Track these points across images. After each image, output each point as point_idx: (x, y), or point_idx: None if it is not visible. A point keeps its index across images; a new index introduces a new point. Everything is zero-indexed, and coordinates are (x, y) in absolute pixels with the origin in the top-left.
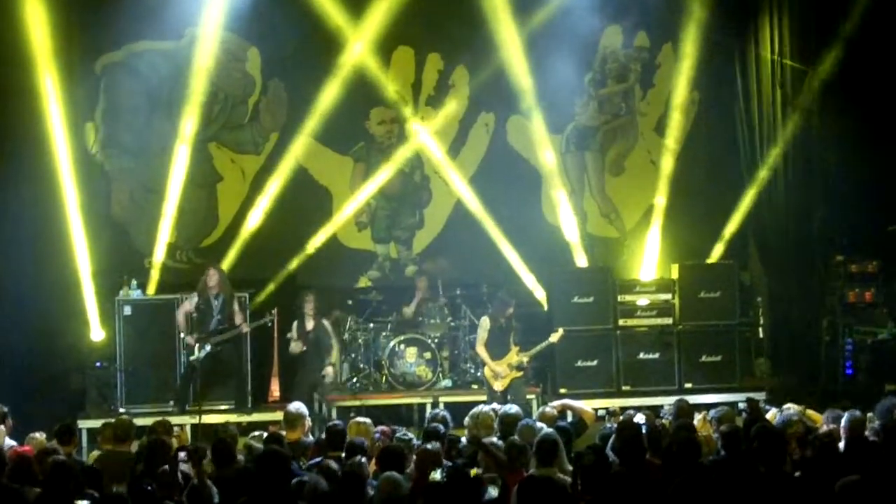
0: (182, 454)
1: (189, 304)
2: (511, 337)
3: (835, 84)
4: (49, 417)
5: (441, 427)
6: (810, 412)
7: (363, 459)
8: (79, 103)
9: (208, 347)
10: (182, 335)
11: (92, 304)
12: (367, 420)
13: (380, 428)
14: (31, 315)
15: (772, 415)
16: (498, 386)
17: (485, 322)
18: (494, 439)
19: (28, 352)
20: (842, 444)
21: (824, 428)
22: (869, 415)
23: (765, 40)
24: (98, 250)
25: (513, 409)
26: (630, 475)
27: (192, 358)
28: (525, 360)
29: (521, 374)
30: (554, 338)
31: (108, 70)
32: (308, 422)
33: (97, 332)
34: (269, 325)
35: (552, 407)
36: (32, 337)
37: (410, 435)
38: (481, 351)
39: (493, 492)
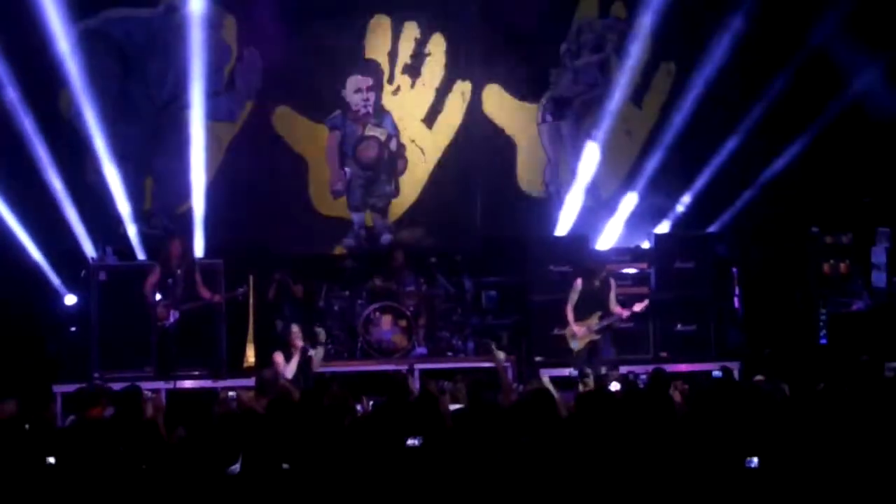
0: None
1: (153, 276)
2: (607, 299)
3: (812, 54)
4: (24, 383)
5: None
6: None
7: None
8: (54, 69)
9: (177, 314)
10: (152, 305)
11: (67, 269)
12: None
13: None
14: (4, 280)
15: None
16: (574, 345)
17: (576, 285)
18: None
19: (1, 317)
20: None
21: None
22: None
23: (743, 7)
24: (73, 216)
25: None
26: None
27: (160, 324)
28: (595, 324)
29: (598, 336)
30: (638, 307)
31: (83, 36)
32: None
33: (72, 298)
34: (240, 298)
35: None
36: (6, 302)
37: None
38: (568, 311)
39: None
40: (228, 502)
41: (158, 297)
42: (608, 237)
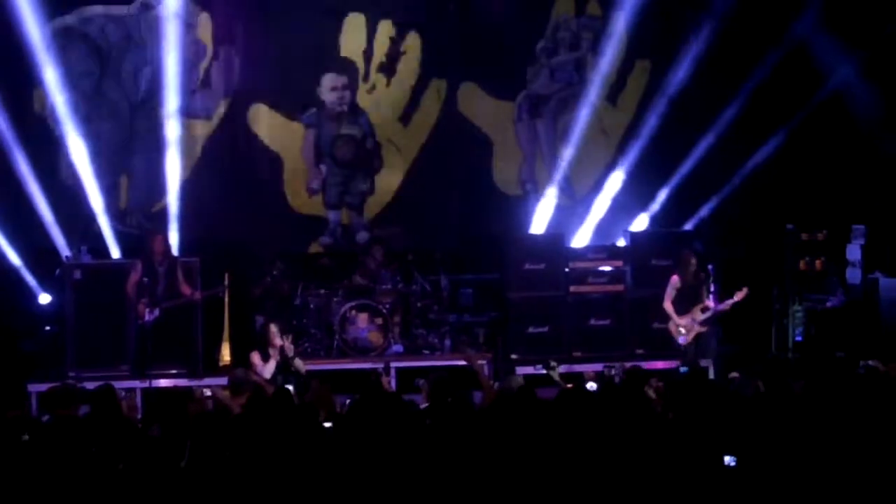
0: None
1: (135, 274)
2: (703, 291)
3: (788, 51)
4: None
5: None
6: None
7: None
8: (29, 67)
9: (157, 312)
10: (135, 303)
11: (41, 268)
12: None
13: None
14: None
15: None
16: (682, 339)
17: (675, 281)
18: None
19: None
20: None
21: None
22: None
23: (718, 4)
24: (47, 215)
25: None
26: None
27: (139, 322)
28: (700, 316)
29: (705, 328)
30: (738, 296)
31: (59, 34)
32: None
33: (46, 297)
34: (221, 295)
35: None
36: None
37: None
38: (668, 307)
39: None
40: (205, 500)
41: (138, 299)
42: (584, 235)
